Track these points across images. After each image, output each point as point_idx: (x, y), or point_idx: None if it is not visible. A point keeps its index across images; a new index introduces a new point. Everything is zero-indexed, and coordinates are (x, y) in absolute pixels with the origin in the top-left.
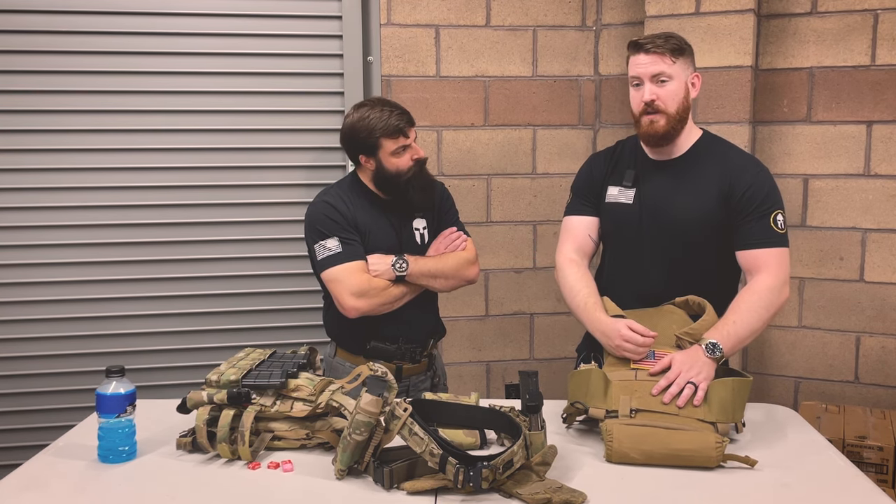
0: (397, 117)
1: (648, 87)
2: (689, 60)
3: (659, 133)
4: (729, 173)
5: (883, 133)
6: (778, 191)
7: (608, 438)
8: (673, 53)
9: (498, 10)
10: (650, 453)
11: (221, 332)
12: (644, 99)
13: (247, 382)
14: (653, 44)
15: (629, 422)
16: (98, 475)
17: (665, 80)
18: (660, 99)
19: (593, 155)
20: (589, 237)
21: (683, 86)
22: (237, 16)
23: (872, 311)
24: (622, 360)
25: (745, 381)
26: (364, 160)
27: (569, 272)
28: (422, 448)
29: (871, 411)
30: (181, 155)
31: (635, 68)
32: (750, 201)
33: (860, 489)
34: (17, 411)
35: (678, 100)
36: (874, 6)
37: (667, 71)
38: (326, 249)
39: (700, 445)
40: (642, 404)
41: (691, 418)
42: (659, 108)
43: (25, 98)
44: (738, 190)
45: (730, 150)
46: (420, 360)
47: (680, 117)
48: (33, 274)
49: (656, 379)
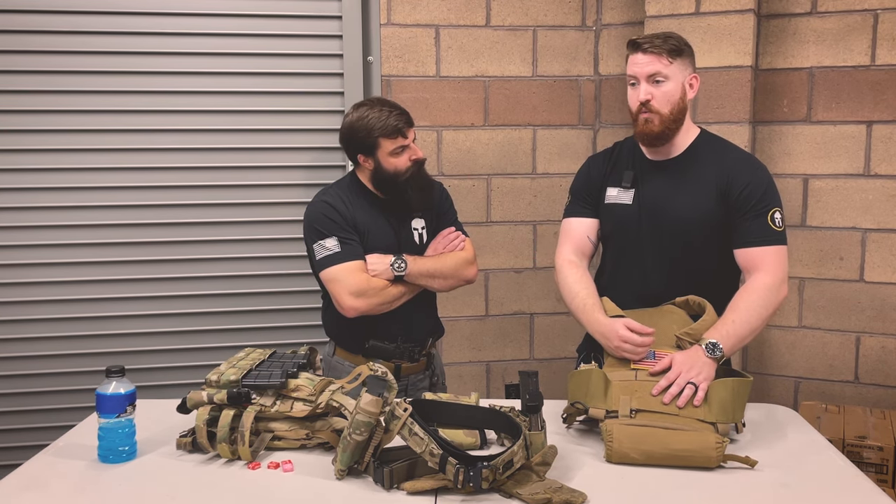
0: (396, 117)
1: (644, 87)
2: (687, 61)
3: (653, 133)
4: (726, 171)
5: (883, 133)
6: (776, 189)
7: (608, 439)
8: (670, 54)
9: (498, 10)
10: (650, 453)
11: (221, 332)
12: (639, 98)
13: (247, 382)
14: (651, 44)
15: (629, 422)
16: (98, 475)
17: (661, 81)
18: (654, 99)
19: (591, 156)
20: (587, 238)
21: (680, 87)
22: (237, 16)
23: (872, 311)
24: (622, 361)
25: (746, 382)
26: (362, 160)
27: (568, 274)
28: (422, 448)
29: (871, 411)
30: (181, 155)
31: (632, 67)
32: (748, 199)
33: (860, 489)
34: (17, 411)
35: (673, 101)
36: (874, 6)
37: (663, 71)
38: (325, 249)
39: (700, 446)
40: (642, 404)
41: (691, 419)
42: (653, 108)
43: (25, 98)
44: (736, 188)
45: (727, 149)
46: (419, 359)
47: (675, 118)
48: (33, 274)
49: (656, 379)
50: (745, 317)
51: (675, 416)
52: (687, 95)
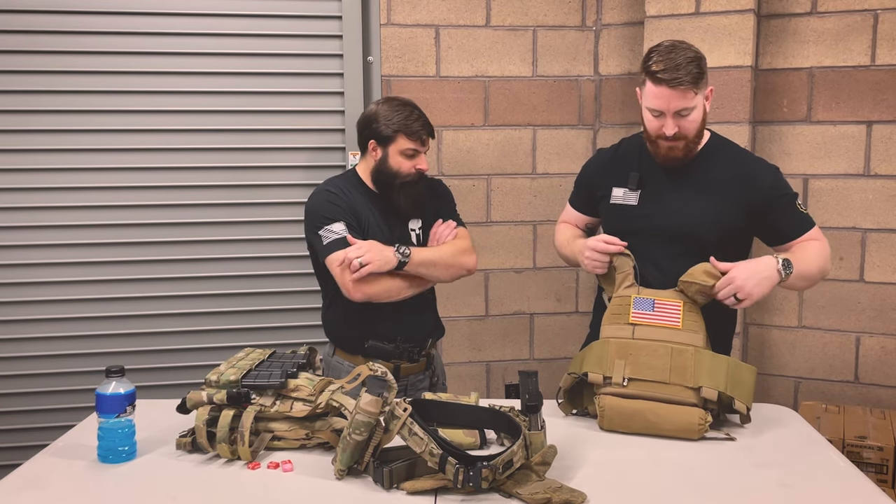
0: (421, 123)
1: (671, 122)
2: (706, 79)
3: (679, 157)
4: (747, 178)
5: (883, 133)
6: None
7: (600, 413)
8: (695, 84)
9: (498, 10)
10: (638, 427)
11: (221, 332)
12: (667, 133)
13: (246, 382)
14: (676, 79)
15: (621, 391)
16: (98, 475)
17: (687, 113)
18: (682, 129)
19: (598, 150)
20: (576, 226)
21: (703, 107)
22: (237, 16)
23: (872, 311)
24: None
25: (746, 367)
26: (373, 147)
27: (560, 227)
28: (421, 448)
29: (871, 411)
30: (181, 155)
31: (656, 101)
32: (778, 199)
33: (860, 489)
34: (17, 411)
35: (698, 122)
36: (874, 6)
37: (690, 105)
38: (333, 233)
39: (685, 421)
40: (635, 372)
41: (681, 386)
42: (679, 136)
43: (25, 98)
44: (761, 191)
45: (740, 154)
46: (418, 359)
47: (698, 136)
48: (33, 274)
49: (652, 339)
50: (811, 258)
51: (666, 384)
52: (707, 109)
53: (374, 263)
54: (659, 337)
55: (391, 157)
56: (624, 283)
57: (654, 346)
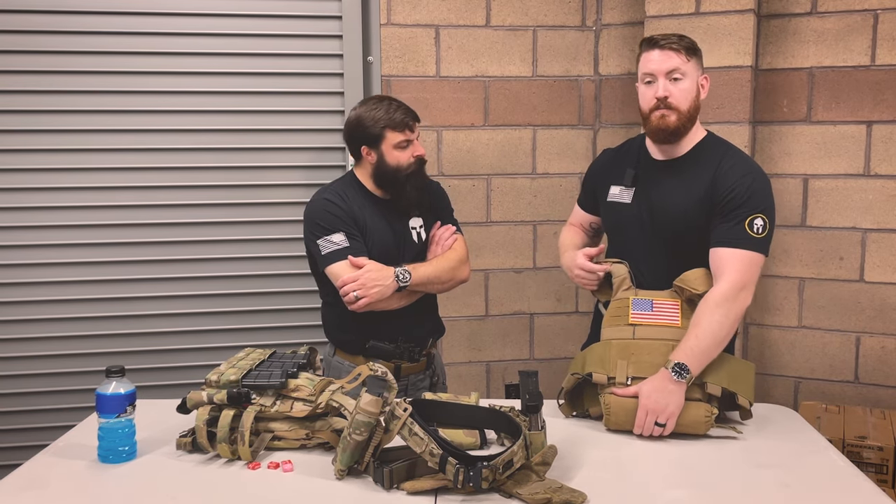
0: (403, 112)
1: (662, 83)
2: (699, 62)
3: (670, 128)
4: (717, 175)
5: (883, 133)
6: (766, 197)
7: (606, 411)
8: (687, 52)
9: (498, 10)
10: None
11: (221, 332)
12: (658, 94)
13: (247, 382)
14: (667, 40)
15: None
16: (98, 475)
17: (679, 78)
18: (673, 96)
19: (604, 150)
20: (582, 225)
21: (695, 85)
22: (237, 16)
23: (872, 311)
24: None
25: (745, 364)
26: (366, 152)
27: (564, 231)
28: (422, 448)
29: (871, 411)
30: (181, 155)
31: (648, 64)
32: (729, 203)
33: (860, 489)
34: (17, 411)
35: (690, 98)
36: (874, 6)
37: (681, 68)
38: (333, 244)
39: (690, 419)
40: (638, 371)
41: None
42: (671, 104)
43: (25, 98)
44: (720, 192)
45: (726, 153)
46: (419, 359)
47: (690, 116)
48: (33, 274)
49: (653, 338)
50: (707, 329)
51: None
52: (700, 95)
53: (371, 297)
54: (660, 336)
55: (387, 154)
56: (621, 287)
57: (655, 344)
